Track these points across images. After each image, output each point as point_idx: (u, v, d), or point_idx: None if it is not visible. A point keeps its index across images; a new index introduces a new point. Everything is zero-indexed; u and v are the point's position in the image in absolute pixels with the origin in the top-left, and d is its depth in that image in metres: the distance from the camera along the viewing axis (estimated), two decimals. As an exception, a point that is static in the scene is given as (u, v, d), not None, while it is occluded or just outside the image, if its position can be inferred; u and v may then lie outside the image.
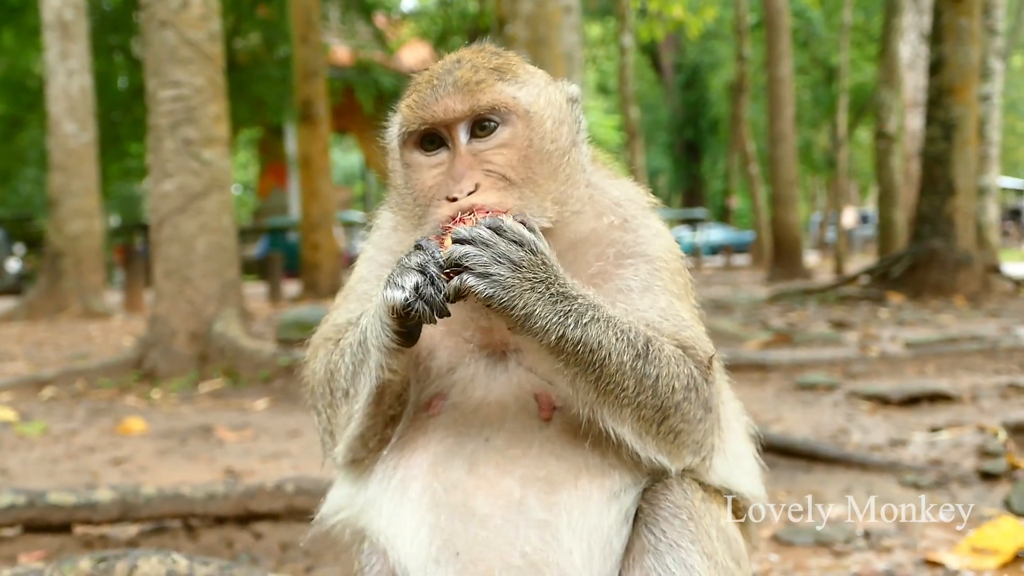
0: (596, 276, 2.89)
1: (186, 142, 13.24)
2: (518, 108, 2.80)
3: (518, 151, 2.78)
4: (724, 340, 14.84)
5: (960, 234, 22.83)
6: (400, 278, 2.50)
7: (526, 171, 2.78)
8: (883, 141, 37.97)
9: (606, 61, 66.40)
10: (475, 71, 2.80)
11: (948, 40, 22.69)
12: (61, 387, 12.74)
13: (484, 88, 2.78)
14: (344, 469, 2.97)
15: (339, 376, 2.82)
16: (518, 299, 2.48)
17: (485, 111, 2.77)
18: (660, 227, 3.02)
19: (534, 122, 2.82)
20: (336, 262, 29.77)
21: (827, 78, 59.19)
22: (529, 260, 2.51)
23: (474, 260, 2.46)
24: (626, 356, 2.59)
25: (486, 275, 2.46)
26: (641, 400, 2.63)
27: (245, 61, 42.84)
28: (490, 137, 2.78)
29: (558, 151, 2.86)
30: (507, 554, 2.67)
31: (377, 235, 3.15)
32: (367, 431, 2.85)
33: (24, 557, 5.62)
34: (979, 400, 10.00)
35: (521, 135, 2.80)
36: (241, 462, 8.43)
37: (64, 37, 24.38)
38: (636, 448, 2.70)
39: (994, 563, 5.15)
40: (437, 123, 2.79)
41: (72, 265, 24.93)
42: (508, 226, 2.53)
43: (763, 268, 42.94)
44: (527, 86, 2.86)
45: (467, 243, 2.48)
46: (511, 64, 2.89)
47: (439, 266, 2.49)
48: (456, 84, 2.78)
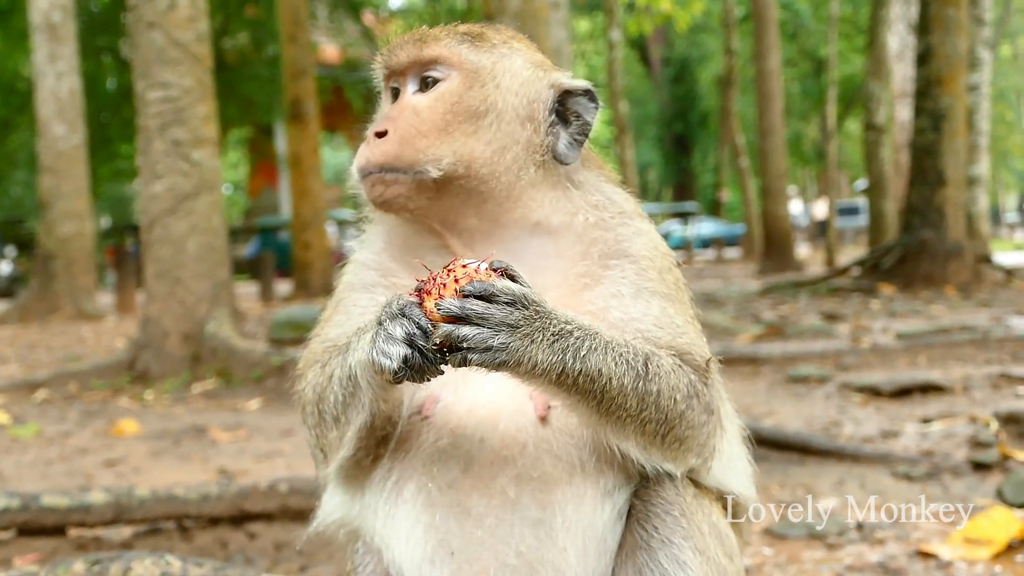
0: (584, 276, 2.89)
1: (175, 143, 13.23)
2: (461, 65, 2.89)
3: (447, 104, 2.86)
4: (716, 334, 14.87)
5: (950, 224, 22.86)
6: (387, 346, 2.44)
7: (444, 123, 2.85)
8: (872, 132, 37.99)
9: (595, 56, 66.41)
10: (442, 29, 2.95)
11: (936, 30, 22.72)
12: (54, 389, 12.73)
13: (431, 42, 2.89)
14: (338, 484, 2.97)
15: (328, 402, 2.79)
16: (522, 357, 2.45)
17: (427, 63, 2.89)
18: (643, 226, 3.00)
19: (474, 81, 2.88)
20: (328, 261, 29.71)
21: (816, 70, 59.20)
22: (524, 317, 2.46)
23: (474, 340, 2.41)
24: (627, 379, 2.58)
25: (488, 349, 2.42)
26: (644, 416, 2.63)
27: (234, 61, 42.75)
28: (431, 90, 2.89)
29: (492, 113, 2.89)
30: (502, 553, 2.68)
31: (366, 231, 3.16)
32: (359, 453, 2.84)
33: (18, 560, 5.62)
34: (971, 390, 10.02)
35: (455, 90, 2.87)
36: (235, 462, 8.44)
37: (52, 39, 24.35)
38: (642, 460, 2.70)
39: (987, 553, 5.17)
40: (392, 70, 2.95)
41: (63, 267, 24.89)
42: (499, 289, 2.45)
43: (754, 261, 42.96)
44: (483, 51, 2.92)
45: (460, 320, 2.41)
46: (484, 32, 2.98)
47: (426, 335, 2.43)
48: (412, 37, 2.92)
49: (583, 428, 2.72)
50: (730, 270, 43.48)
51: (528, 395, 2.80)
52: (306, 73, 28.86)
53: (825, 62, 49.85)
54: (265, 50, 43.42)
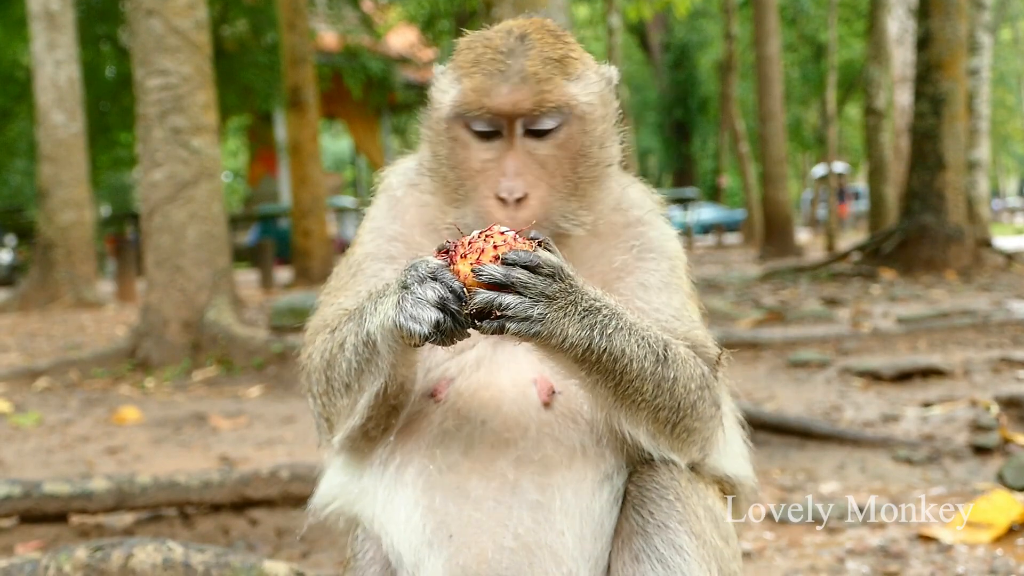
0: (619, 269, 2.91)
1: (175, 131, 13.22)
2: (577, 108, 2.78)
3: (570, 153, 2.78)
4: (716, 319, 14.87)
5: (951, 209, 22.83)
6: (417, 310, 2.41)
7: (574, 175, 2.79)
8: (872, 117, 37.88)
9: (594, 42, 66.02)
10: (543, 64, 2.75)
11: (936, 15, 22.66)
12: (55, 377, 12.74)
13: (551, 87, 2.75)
14: (341, 455, 2.94)
15: (338, 369, 2.75)
16: (555, 330, 2.44)
17: (548, 110, 2.74)
18: (671, 228, 3.04)
19: (588, 123, 2.81)
20: (327, 248, 29.71)
21: (815, 55, 59.05)
22: (560, 289, 2.45)
23: (516, 309, 2.39)
24: (647, 362, 2.58)
25: (527, 319, 2.41)
26: (659, 403, 2.64)
27: (232, 48, 42.64)
28: (548, 137, 2.76)
29: (604, 152, 2.87)
30: (500, 536, 2.68)
31: (386, 202, 3.10)
32: (370, 423, 2.81)
33: (20, 547, 5.64)
34: (971, 375, 10.03)
35: (575, 136, 2.79)
36: (235, 449, 8.45)
37: (51, 28, 24.28)
38: (650, 448, 2.71)
39: (988, 537, 5.18)
40: (498, 113, 2.75)
41: (63, 255, 24.85)
42: (543, 261, 2.44)
43: (755, 246, 42.92)
44: (582, 81, 2.83)
45: (502, 288, 2.40)
46: (572, 54, 2.84)
47: (460, 300, 2.40)
48: (523, 76, 2.73)
49: (596, 412, 2.71)
50: (730, 256, 43.45)
51: (532, 380, 2.81)
52: (305, 60, 28.79)
53: (825, 47, 49.71)
54: (264, 37, 43.30)
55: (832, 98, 41.18)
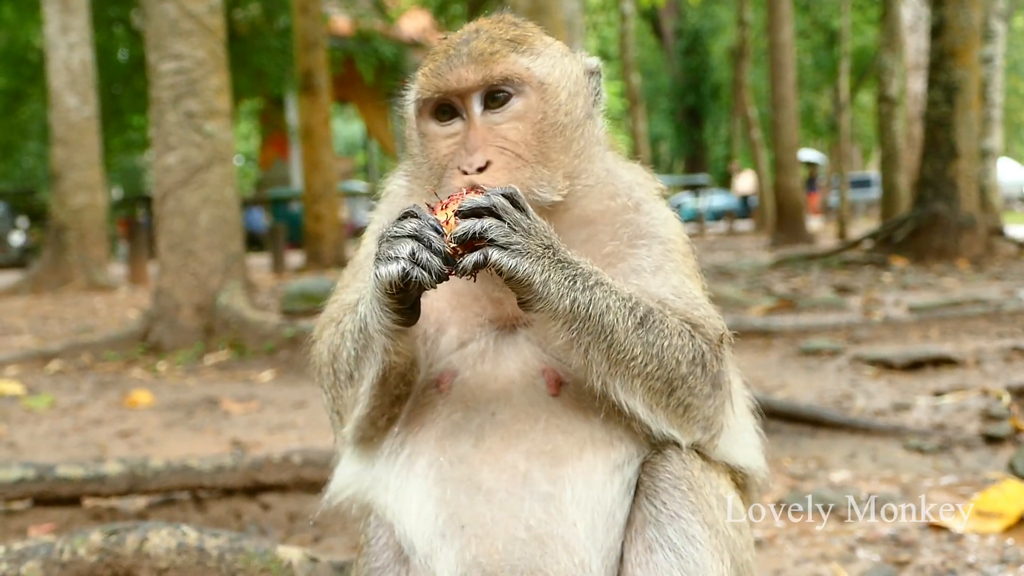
0: (610, 256, 2.91)
1: (188, 115, 13.24)
2: (531, 79, 2.82)
3: (531, 123, 2.81)
4: (728, 306, 14.85)
5: (963, 197, 22.77)
6: (392, 249, 2.47)
7: (539, 144, 2.81)
8: (885, 105, 37.75)
9: (607, 28, 66.11)
10: (491, 42, 2.82)
11: (949, 2, 22.57)
12: (67, 360, 12.78)
13: (497, 59, 2.80)
14: (353, 447, 2.99)
15: (341, 360, 2.83)
16: (536, 266, 2.48)
17: (498, 82, 2.80)
18: (669, 212, 3.05)
19: (548, 94, 2.84)
20: (339, 233, 29.74)
21: (828, 42, 58.81)
22: (535, 227, 2.52)
23: (496, 232, 2.45)
24: (630, 322, 2.61)
25: (508, 247, 2.45)
26: (649, 371, 2.65)
27: (245, 32, 42.69)
28: (503, 109, 2.81)
29: (572, 123, 2.88)
30: (512, 527, 2.69)
31: (387, 205, 3.16)
32: (374, 411, 2.87)
33: (34, 530, 5.67)
34: (983, 364, 10.01)
35: (534, 107, 2.82)
36: (247, 434, 8.47)
37: (64, 10, 24.32)
38: (648, 421, 2.72)
39: (999, 526, 5.18)
40: (450, 92, 2.81)
41: (76, 238, 24.93)
42: (520, 196, 2.52)
43: (766, 233, 42.87)
44: (542, 57, 2.87)
45: (483, 214, 2.47)
46: (528, 35, 2.90)
47: (438, 232, 2.46)
48: (471, 54, 2.80)
49: (594, 381, 2.69)
50: (742, 243, 43.41)
51: (540, 371, 2.82)
52: (317, 44, 28.77)
53: (838, 34, 49.52)
54: (277, 21, 43.36)
55: (845, 85, 41.14)
